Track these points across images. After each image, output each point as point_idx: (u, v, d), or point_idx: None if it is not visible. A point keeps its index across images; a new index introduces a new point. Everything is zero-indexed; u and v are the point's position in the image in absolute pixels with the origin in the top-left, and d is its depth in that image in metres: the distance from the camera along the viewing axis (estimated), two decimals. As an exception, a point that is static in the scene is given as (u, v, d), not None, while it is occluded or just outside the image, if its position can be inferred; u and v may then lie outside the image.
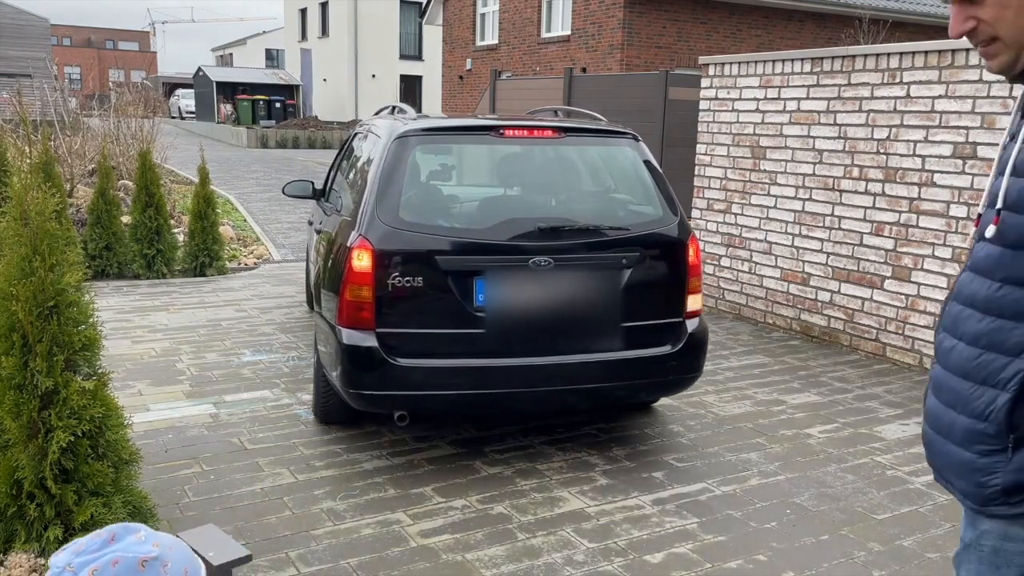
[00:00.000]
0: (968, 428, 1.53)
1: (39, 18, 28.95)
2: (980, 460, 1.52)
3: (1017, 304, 1.46)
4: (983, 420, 1.50)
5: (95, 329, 3.11)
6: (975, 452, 1.52)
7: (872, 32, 15.61)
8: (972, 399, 1.52)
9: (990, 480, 1.51)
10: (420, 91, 35.49)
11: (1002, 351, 1.48)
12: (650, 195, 4.29)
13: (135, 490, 3.23)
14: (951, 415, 1.57)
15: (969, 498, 1.56)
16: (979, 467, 1.52)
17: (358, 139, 5.22)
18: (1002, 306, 1.48)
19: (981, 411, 1.50)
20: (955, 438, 1.56)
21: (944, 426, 1.59)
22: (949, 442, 1.58)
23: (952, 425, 1.57)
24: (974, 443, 1.52)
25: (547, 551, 3.31)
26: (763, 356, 6.11)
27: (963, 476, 1.56)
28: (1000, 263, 1.49)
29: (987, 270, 1.52)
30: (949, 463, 1.59)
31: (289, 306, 7.29)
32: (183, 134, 24.02)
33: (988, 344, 1.50)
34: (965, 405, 1.53)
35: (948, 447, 1.59)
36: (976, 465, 1.52)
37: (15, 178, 3.14)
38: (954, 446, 1.57)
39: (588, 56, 17.15)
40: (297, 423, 4.58)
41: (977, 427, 1.51)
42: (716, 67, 7.39)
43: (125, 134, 12.38)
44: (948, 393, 1.58)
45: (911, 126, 5.79)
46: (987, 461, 1.51)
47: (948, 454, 1.59)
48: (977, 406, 1.51)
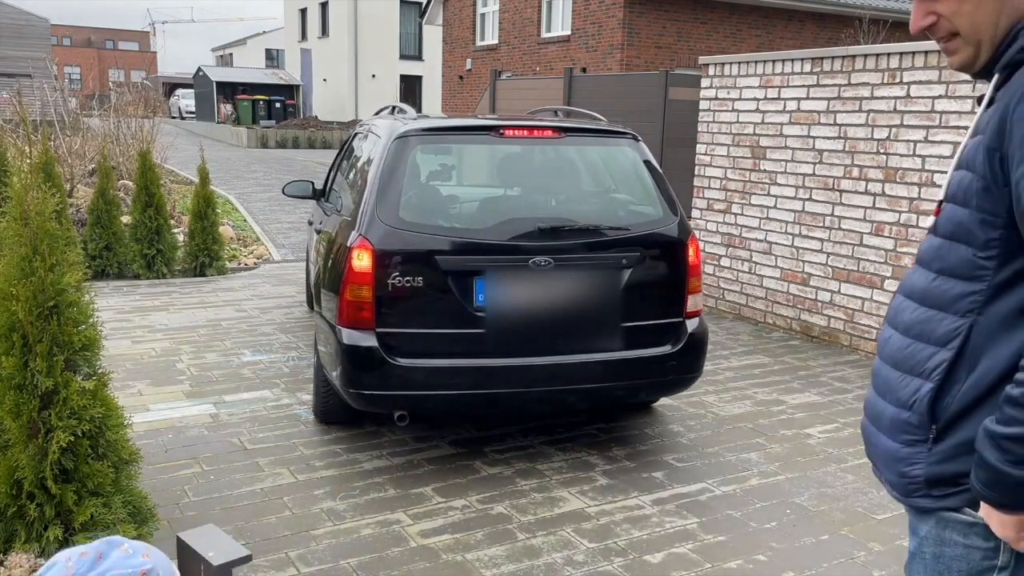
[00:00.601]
0: (894, 417, 1.52)
1: (39, 18, 28.95)
2: (904, 450, 1.51)
3: (947, 295, 1.45)
4: (907, 409, 1.49)
5: (95, 329, 3.11)
6: (900, 442, 1.51)
7: (872, 32, 15.60)
8: (899, 388, 1.51)
9: (911, 470, 1.50)
10: (420, 91, 35.49)
11: (930, 341, 1.47)
12: (650, 195, 4.29)
13: (135, 490, 3.23)
14: (881, 404, 1.57)
15: (896, 489, 1.56)
16: (902, 457, 1.51)
17: (358, 139, 5.23)
18: (934, 296, 1.48)
19: (906, 400, 1.50)
20: (883, 427, 1.56)
21: (875, 415, 1.59)
22: (879, 432, 1.57)
23: (882, 414, 1.56)
24: (899, 432, 1.51)
25: (547, 551, 3.31)
26: (763, 356, 6.11)
27: (890, 466, 1.55)
28: (937, 254, 1.49)
29: (927, 261, 1.52)
30: (879, 453, 1.58)
31: (289, 306, 7.29)
32: (183, 134, 24.01)
33: (918, 334, 1.50)
34: (893, 394, 1.53)
35: (878, 437, 1.58)
36: (900, 455, 1.52)
37: (15, 178, 3.14)
38: (883, 436, 1.56)
39: (588, 56, 17.15)
40: (297, 423, 4.58)
41: (902, 416, 1.51)
42: (716, 67, 7.39)
43: (125, 134, 12.38)
44: (881, 383, 1.58)
45: (911, 126, 5.79)
46: (910, 451, 1.50)
47: (878, 444, 1.58)
48: (903, 395, 1.50)
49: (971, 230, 1.42)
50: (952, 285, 1.45)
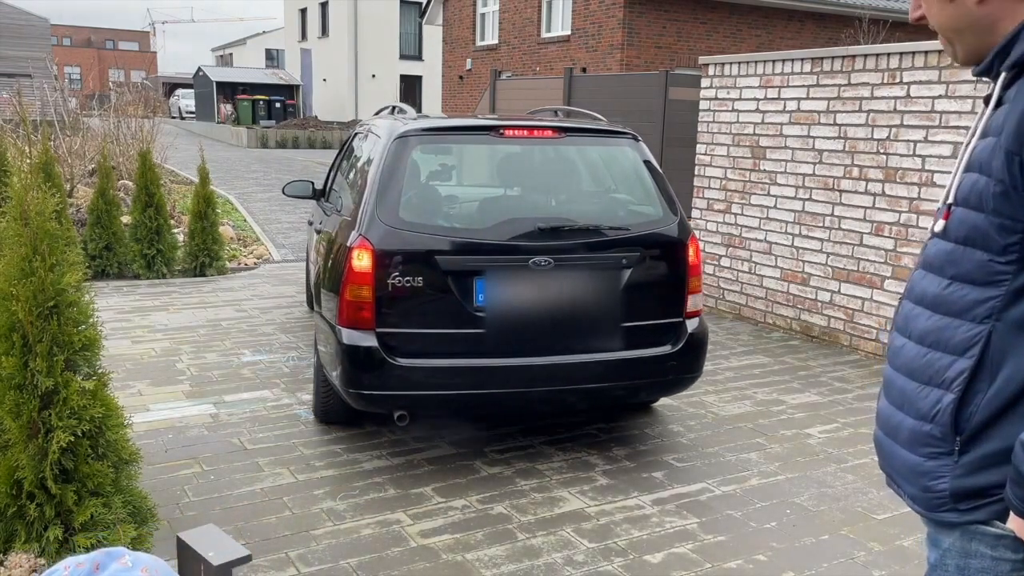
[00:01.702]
0: (914, 430, 1.48)
1: (39, 18, 28.96)
2: (927, 463, 1.46)
3: (963, 301, 1.42)
4: (929, 421, 1.45)
5: (95, 329, 3.11)
6: (922, 455, 1.47)
7: (872, 32, 15.61)
8: (918, 399, 1.47)
9: (937, 484, 1.45)
10: (420, 91, 35.48)
11: (947, 350, 1.43)
12: (650, 195, 4.29)
13: (135, 490, 3.23)
14: (899, 416, 1.52)
15: (918, 503, 1.51)
16: (926, 471, 1.46)
17: (358, 139, 5.22)
18: (949, 303, 1.44)
19: (927, 412, 1.45)
20: (902, 440, 1.51)
21: (892, 428, 1.54)
22: (896, 444, 1.53)
23: (899, 427, 1.52)
24: (921, 445, 1.47)
25: (547, 551, 3.31)
26: (763, 356, 6.11)
27: (911, 480, 1.50)
28: (950, 259, 1.45)
29: (938, 267, 1.48)
30: (897, 467, 1.54)
31: (289, 306, 7.28)
32: (183, 134, 24.00)
33: (934, 342, 1.46)
34: (912, 406, 1.49)
35: (896, 449, 1.53)
36: (923, 468, 1.47)
37: (15, 178, 3.14)
38: (901, 448, 1.51)
39: (588, 56, 17.15)
40: (297, 423, 4.58)
41: (923, 428, 1.46)
42: (716, 67, 7.39)
43: (125, 134, 12.38)
44: (896, 394, 1.53)
45: (911, 126, 5.79)
46: (934, 464, 1.45)
47: (896, 457, 1.54)
48: (923, 407, 1.46)
49: (988, 234, 1.37)
50: (968, 291, 1.41)
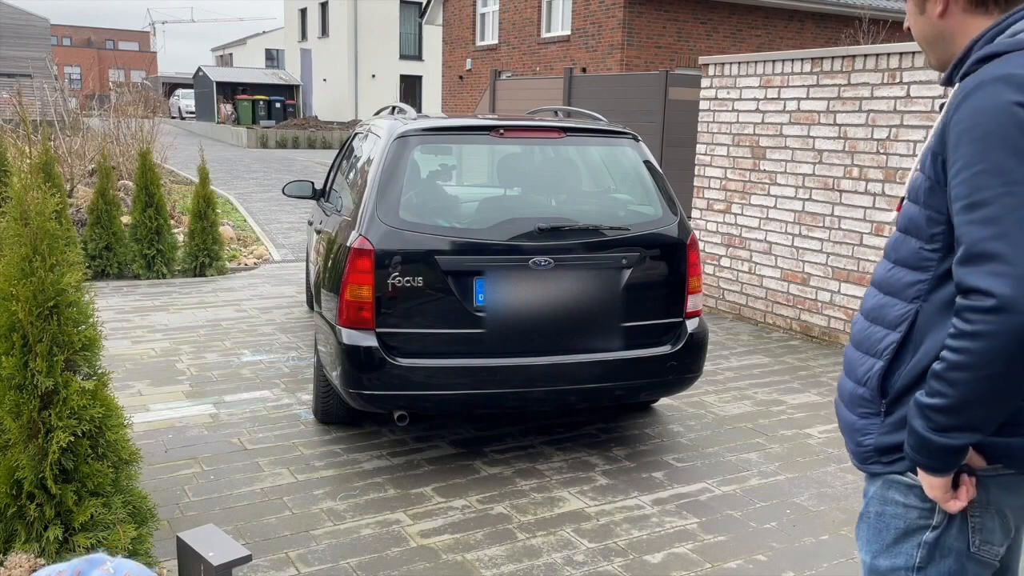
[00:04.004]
0: (852, 392, 1.71)
1: (39, 18, 28.96)
2: (859, 422, 1.69)
3: (900, 283, 1.62)
4: (862, 385, 1.67)
5: (95, 329, 3.11)
6: (857, 414, 1.70)
7: (872, 32, 15.61)
8: (858, 366, 1.69)
9: (865, 440, 1.68)
10: (420, 91, 35.48)
11: (884, 324, 1.65)
12: (650, 195, 4.29)
13: (135, 490, 3.23)
14: (844, 381, 1.75)
15: (854, 456, 1.73)
16: (858, 428, 1.69)
17: (358, 139, 5.22)
18: (890, 284, 1.65)
19: (861, 376, 1.68)
20: (845, 401, 1.74)
21: (841, 391, 1.77)
22: (843, 405, 1.75)
23: (843, 389, 1.75)
24: (856, 406, 1.70)
25: (547, 551, 3.31)
26: (763, 356, 6.11)
27: (849, 436, 1.73)
28: (894, 246, 1.66)
29: (888, 252, 1.69)
30: (842, 426, 1.76)
31: (289, 306, 7.29)
32: (183, 134, 24.01)
33: (875, 318, 1.68)
34: (853, 372, 1.71)
35: (842, 409, 1.75)
36: (856, 426, 1.70)
37: (15, 178, 3.14)
38: (845, 408, 1.74)
39: (588, 56, 17.15)
40: (297, 423, 4.58)
41: (858, 392, 1.69)
42: (716, 67, 7.39)
43: (125, 134, 12.38)
44: (846, 362, 1.75)
45: (911, 126, 5.79)
46: (865, 423, 1.68)
47: (841, 417, 1.76)
48: (859, 372, 1.68)
49: (920, 225, 1.58)
50: (904, 274, 1.62)
